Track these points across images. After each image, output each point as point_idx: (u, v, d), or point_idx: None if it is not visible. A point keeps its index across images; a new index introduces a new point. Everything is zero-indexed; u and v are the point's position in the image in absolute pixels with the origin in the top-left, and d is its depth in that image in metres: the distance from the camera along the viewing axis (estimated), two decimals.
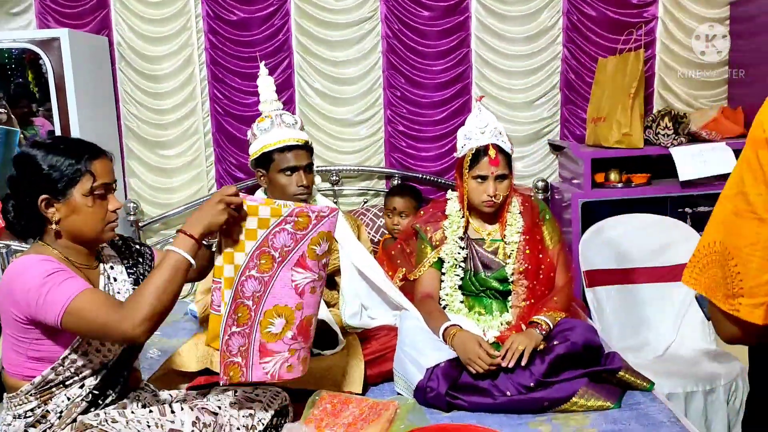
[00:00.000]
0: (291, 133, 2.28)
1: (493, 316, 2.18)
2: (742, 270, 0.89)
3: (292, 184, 2.24)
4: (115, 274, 1.63)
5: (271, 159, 2.25)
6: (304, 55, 3.32)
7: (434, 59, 3.31)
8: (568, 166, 3.25)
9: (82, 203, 1.48)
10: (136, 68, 3.33)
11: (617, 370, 1.92)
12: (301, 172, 2.25)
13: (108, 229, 1.53)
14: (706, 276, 0.96)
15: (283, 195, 2.26)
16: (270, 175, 2.27)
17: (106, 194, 1.52)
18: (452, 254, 2.22)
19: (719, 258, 0.92)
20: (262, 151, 2.27)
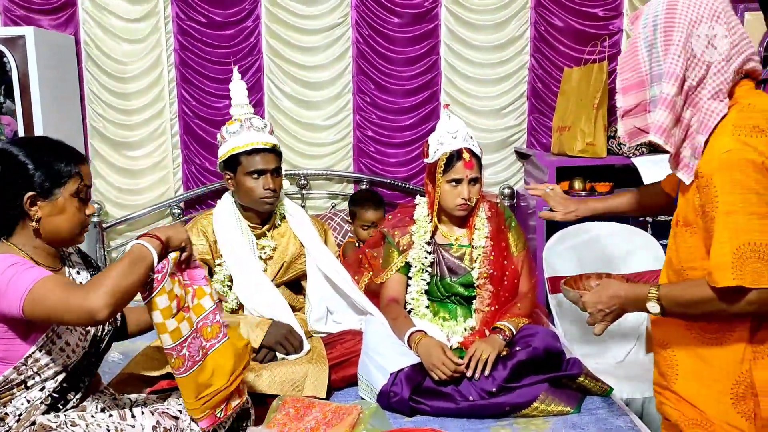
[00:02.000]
0: (259, 136, 2.27)
1: (457, 322, 2.19)
2: None
3: (259, 187, 2.23)
4: (81, 277, 1.62)
5: (238, 162, 2.24)
6: (274, 59, 3.30)
7: (404, 66, 3.32)
8: (533, 173, 3.29)
9: (68, 204, 1.49)
10: (103, 68, 3.27)
11: (577, 376, 1.94)
12: (269, 175, 2.24)
13: (83, 232, 1.55)
14: (748, 270, 1.22)
15: (249, 198, 2.25)
16: (237, 178, 2.26)
17: (85, 198, 1.54)
18: (419, 259, 2.23)
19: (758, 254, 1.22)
20: (230, 153, 2.25)
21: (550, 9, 3.32)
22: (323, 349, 2.14)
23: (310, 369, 2.00)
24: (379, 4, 3.27)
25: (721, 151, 1.26)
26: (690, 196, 1.36)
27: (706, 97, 1.31)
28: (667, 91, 1.30)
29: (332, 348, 2.15)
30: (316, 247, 2.35)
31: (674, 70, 1.30)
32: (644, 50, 1.34)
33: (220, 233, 2.30)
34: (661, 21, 1.31)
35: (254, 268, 2.27)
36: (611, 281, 1.55)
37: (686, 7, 1.30)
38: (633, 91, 1.36)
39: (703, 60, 1.31)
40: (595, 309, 1.47)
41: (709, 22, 1.30)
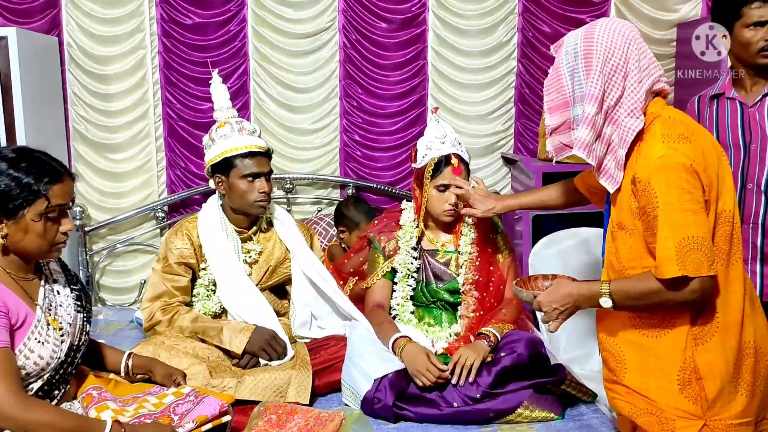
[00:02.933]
0: (253, 139, 2.29)
1: (442, 328, 2.18)
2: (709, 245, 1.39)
3: (254, 190, 2.23)
4: (58, 287, 1.62)
5: (232, 165, 2.23)
6: (260, 62, 3.29)
7: (391, 70, 3.32)
8: (520, 179, 3.30)
9: (32, 225, 1.46)
10: (86, 69, 3.24)
11: (561, 382, 1.95)
12: (263, 178, 2.25)
13: (54, 249, 1.53)
14: (689, 261, 1.37)
15: (242, 201, 2.24)
16: (230, 181, 2.25)
17: (60, 217, 1.51)
18: (405, 264, 2.22)
19: (696, 246, 1.37)
20: (222, 156, 2.24)
21: (538, 15, 3.33)
22: (307, 354, 2.12)
23: (293, 375, 1.99)
24: (366, 9, 3.26)
25: (655, 157, 1.41)
26: (624, 202, 1.50)
27: (623, 116, 1.47)
28: (588, 111, 1.46)
29: (316, 353, 2.14)
30: (302, 252, 2.34)
31: (594, 92, 1.46)
32: (567, 75, 1.50)
33: (204, 236, 2.28)
34: (581, 49, 1.48)
35: (239, 273, 2.26)
36: (563, 281, 1.67)
37: (602, 37, 1.47)
38: (559, 111, 1.52)
39: (618, 82, 1.47)
40: (550, 308, 1.57)
41: (622, 49, 1.46)
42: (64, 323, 1.59)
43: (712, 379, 1.44)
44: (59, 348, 1.54)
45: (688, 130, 1.46)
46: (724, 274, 1.46)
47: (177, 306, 2.23)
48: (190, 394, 1.65)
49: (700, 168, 1.41)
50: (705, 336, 1.46)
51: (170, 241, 2.29)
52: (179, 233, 2.30)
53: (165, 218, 3.33)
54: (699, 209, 1.40)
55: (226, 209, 2.34)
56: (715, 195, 1.44)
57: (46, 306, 1.55)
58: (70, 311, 1.62)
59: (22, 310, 1.48)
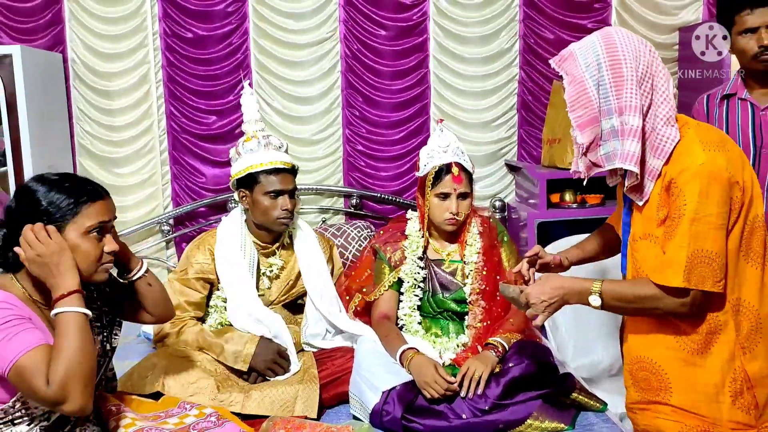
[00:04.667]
0: (278, 155, 2.26)
1: (449, 338, 2.17)
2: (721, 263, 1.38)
3: (276, 207, 2.21)
4: None
5: (256, 180, 2.22)
6: (262, 74, 3.30)
7: (393, 79, 3.32)
8: (524, 186, 3.29)
9: (76, 243, 1.45)
10: (91, 85, 3.25)
11: (571, 391, 1.93)
12: (286, 196, 2.23)
13: (101, 270, 1.50)
14: (695, 274, 1.37)
15: (265, 218, 2.23)
16: (254, 196, 2.23)
17: (103, 235, 1.50)
18: (411, 274, 2.21)
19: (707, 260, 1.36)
20: (247, 171, 2.23)
21: (539, 21, 3.33)
22: (314, 366, 2.12)
23: (300, 389, 1.98)
24: (367, 18, 3.27)
25: (696, 164, 1.38)
26: (652, 210, 1.46)
27: (660, 125, 1.43)
28: (635, 123, 1.41)
29: (323, 365, 2.13)
30: (316, 269, 2.32)
31: (635, 102, 1.41)
32: (593, 88, 1.44)
33: (220, 251, 2.26)
34: (605, 59, 1.42)
35: (248, 291, 2.23)
36: (553, 275, 1.65)
37: (625, 45, 1.43)
38: (589, 127, 1.46)
39: (647, 90, 1.43)
40: (538, 300, 1.55)
41: (646, 56, 1.44)
42: None
43: (763, 385, 1.43)
44: None
45: (720, 138, 1.45)
46: (760, 278, 1.45)
47: (186, 320, 2.22)
48: (212, 415, 1.64)
49: (736, 179, 1.39)
50: (752, 344, 1.44)
51: (192, 255, 2.27)
52: (201, 247, 2.28)
53: (170, 231, 3.33)
54: (721, 226, 1.38)
55: (249, 223, 2.32)
56: (748, 202, 1.43)
57: None
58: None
59: (45, 334, 1.44)
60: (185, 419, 1.64)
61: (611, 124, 1.43)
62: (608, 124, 1.43)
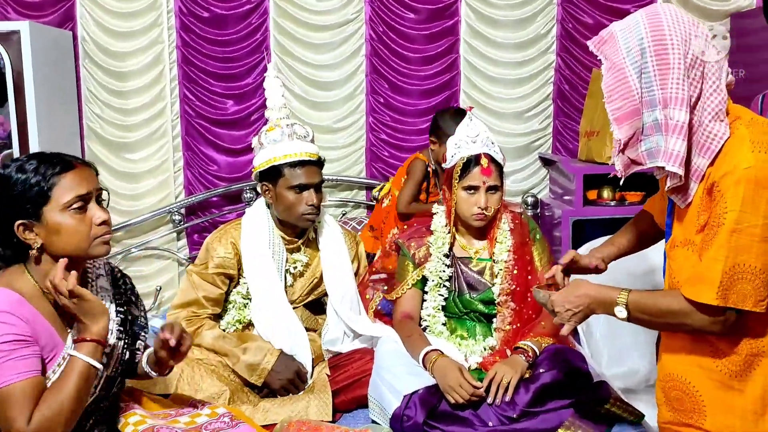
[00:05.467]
0: (304, 146, 2.22)
1: (476, 340, 2.17)
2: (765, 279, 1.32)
3: (301, 203, 2.19)
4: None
5: (280, 173, 2.19)
6: (282, 57, 3.32)
7: (421, 65, 3.33)
8: (559, 181, 3.28)
9: (59, 222, 1.44)
10: (101, 65, 3.31)
11: (605, 401, 1.92)
12: (312, 190, 2.20)
13: (97, 243, 1.48)
14: (734, 291, 1.32)
15: (289, 213, 2.21)
16: (277, 190, 2.21)
17: (86, 206, 1.46)
18: (437, 272, 2.22)
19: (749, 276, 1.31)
20: (270, 164, 2.20)
21: (579, 5, 3.31)
22: (326, 378, 2.14)
23: (311, 398, 2.02)
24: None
25: (741, 167, 1.31)
26: (690, 215, 1.42)
27: (707, 119, 1.35)
28: (680, 118, 1.34)
29: (342, 369, 2.15)
30: (336, 269, 2.32)
31: (681, 94, 1.33)
32: (635, 76, 1.36)
33: (246, 244, 2.24)
34: (650, 43, 1.35)
35: (276, 291, 2.24)
36: (582, 281, 1.61)
37: (674, 27, 1.34)
38: (628, 121, 1.39)
39: (696, 80, 1.36)
40: (563, 308, 1.54)
41: (697, 40, 1.35)
42: None
43: None
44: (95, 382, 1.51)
45: None
46: None
47: (203, 318, 2.22)
48: (224, 415, 1.67)
49: None
50: None
51: (212, 248, 2.26)
52: (223, 240, 2.26)
53: (182, 221, 3.38)
54: (767, 239, 1.32)
55: (273, 217, 2.30)
56: None
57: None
58: (110, 338, 1.56)
59: (52, 341, 1.47)
60: (197, 419, 1.67)
61: (654, 117, 1.36)
62: (651, 117, 1.36)
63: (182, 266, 3.42)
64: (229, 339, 2.19)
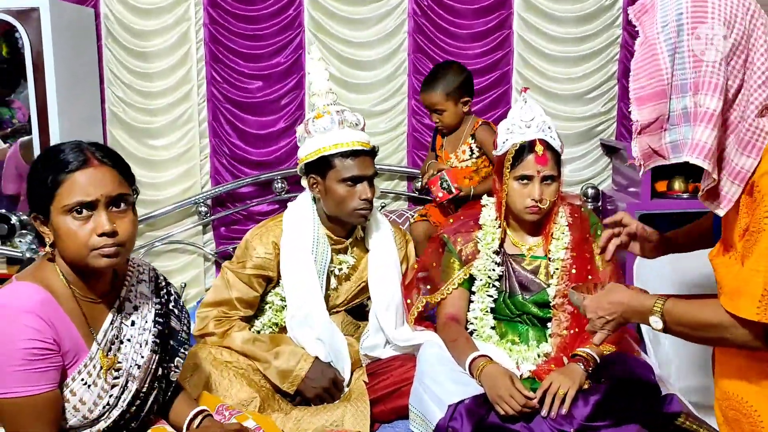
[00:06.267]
0: (356, 134, 2.21)
1: (529, 347, 2.16)
2: None
3: (354, 197, 2.17)
4: (136, 316, 1.61)
5: (330, 165, 2.18)
6: (317, 34, 3.34)
7: (469, 42, 3.32)
8: (623, 171, 3.23)
9: (60, 224, 1.44)
10: (125, 45, 3.37)
11: (676, 416, 1.89)
12: (366, 183, 2.19)
13: (95, 255, 1.44)
14: None
15: (340, 209, 2.20)
16: (327, 183, 2.19)
17: (90, 213, 1.44)
18: (485, 271, 2.20)
19: None
20: (319, 154, 2.18)
21: None
22: (363, 375, 2.15)
23: (348, 408, 2.02)
24: None
25: None
26: (733, 219, 1.40)
27: (752, 114, 1.32)
28: (711, 105, 1.31)
29: (381, 376, 2.15)
30: (383, 274, 2.30)
31: (716, 80, 1.30)
32: (666, 55, 1.33)
33: (286, 245, 2.24)
34: (689, 20, 1.31)
35: (314, 295, 2.24)
36: (617, 286, 1.63)
37: (718, 5, 1.31)
38: (651, 102, 1.36)
39: (738, 68, 1.32)
40: (595, 315, 1.55)
41: (744, 22, 1.31)
42: (127, 363, 1.57)
43: None
44: (108, 393, 1.53)
45: None
46: None
47: (234, 320, 2.24)
48: (255, 430, 1.68)
49: None
50: None
51: (252, 246, 2.25)
52: (264, 238, 2.26)
53: (208, 213, 3.43)
54: None
55: (320, 213, 2.29)
56: None
57: (106, 341, 1.54)
58: (142, 350, 1.58)
59: (76, 346, 1.49)
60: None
61: (684, 104, 1.33)
62: (680, 104, 1.33)
63: (208, 261, 3.48)
64: (261, 342, 2.20)
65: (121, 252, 1.48)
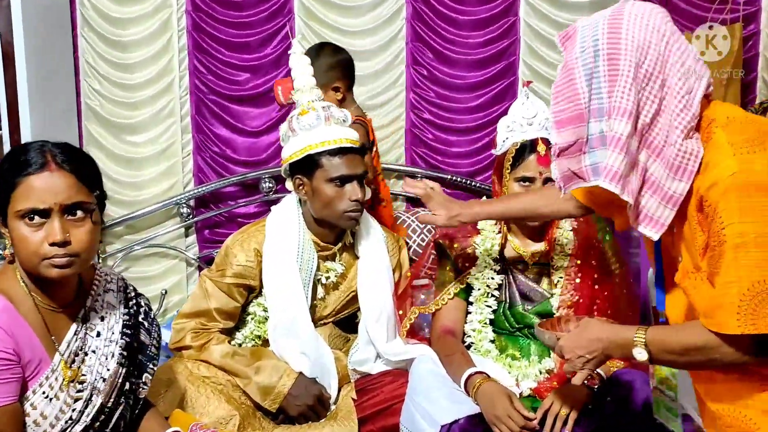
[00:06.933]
0: (344, 131, 2.23)
1: (530, 362, 2.17)
2: None
3: (343, 198, 2.19)
4: (102, 327, 1.62)
5: (317, 164, 2.19)
6: (307, 21, 3.35)
7: (472, 30, 3.32)
8: None
9: (13, 229, 1.46)
10: (102, 34, 3.38)
11: None
12: (355, 182, 2.20)
13: (46, 265, 1.45)
14: (762, 314, 1.32)
15: (329, 211, 2.21)
16: (314, 184, 2.20)
17: (43, 220, 1.44)
18: (484, 280, 2.22)
19: None
20: (305, 153, 2.19)
21: None
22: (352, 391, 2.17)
23: (334, 427, 2.04)
24: None
25: (726, 174, 1.35)
26: (688, 238, 1.46)
27: (677, 137, 1.41)
28: (620, 130, 1.40)
29: (370, 393, 2.17)
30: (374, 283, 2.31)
31: (625, 105, 1.39)
32: (583, 79, 1.43)
33: (269, 252, 2.24)
34: (604, 46, 1.41)
35: (299, 306, 2.24)
36: (592, 321, 1.68)
37: (631, 32, 1.40)
38: (570, 126, 1.46)
39: (653, 93, 1.41)
40: (574, 355, 1.58)
41: (657, 48, 1.40)
42: (92, 375, 1.58)
43: None
44: (71, 407, 1.54)
45: (759, 132, 1.40)
46: None
47: (213, 332, 2.25)
48: None
49: None
50: None
51: (232, 253, 2.26)
52: (245, 245, 2.26)
53: (191, 215, 3.43)
54: None
55: (306, 217, 2.29)
56: None
57: (70, 352, 1.55)
58: (108, 362, 1.59)
59: (37, 357, 1.49)
60: None
61: (601, 128, 1.42)
62: (597, 128, 1.43)
63: (191, 267, 3.48)
64: (241, 356, 2.21)
65: (75, 263, 1.48)
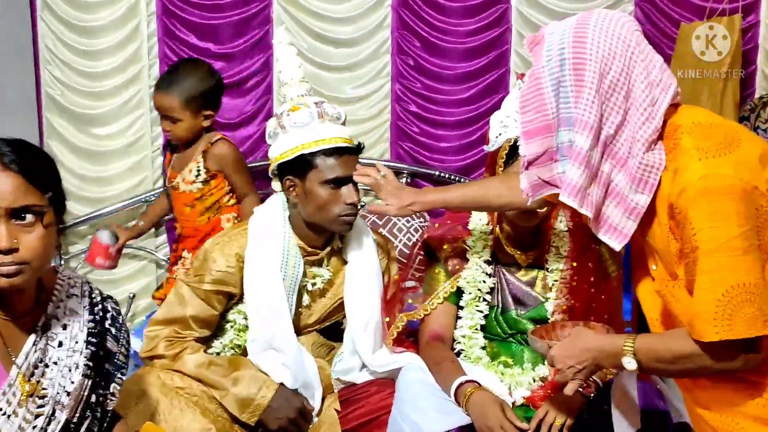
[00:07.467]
0: (338, 130, 2.22)
1: (523, 369, 2.18)
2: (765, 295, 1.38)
3: (338, 201, 2.17)
4: (65, 336, 1.59)
5: (311, 165, 2.17)
6: (286, 7, 3.34)
7: (461, 17, 3.33)
8: None
9: None
10: (63, 18, 3.36)
11: None
12: (351, 185, 2.20)
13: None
14: (738, 319, 1.36)
15: (322, 215, 2.19)
16: (307, 186, 2.18)
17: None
18: (475, 283, 2.22)
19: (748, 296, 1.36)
20: (298, 152, 2.17)
21: None
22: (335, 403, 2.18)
23: None
24: None
25: (694, 180, 1.40)
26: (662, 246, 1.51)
27: (640, 150, 1.46)
28: (581, 143, 1.46)
29: (355, 404, 2.17)
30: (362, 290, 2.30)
31: (588, 118, 1.45)
32: (550, 88, 1.48)
33: (251, 258, 2.23)
34: (570, 55, 1.46)
35: (281, 315, 2.24)
36: (584, 330, 1.72)
37: (596, 41, 1.45)
38: (539, 137, 1.51)
39: (617, 104, 1.47)
40: (565, 365, 1.62)
41: (622, 59, 1.46)
42: (54, 389, 1.55)
43: None
44: (31, 424, 1.51)
45: (726, 136, 1.45)
46: None
47: (188, 341, 2.23)
48: None
49: (754, 185, 1.38)
50: None
51: (211, 258, 2.24)
52: (227, 250, 2.24)
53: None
54: (751, 248, 1.38)
55: (294, 220, 2.28)
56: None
57: (28, 365, 1.53)
58: (72, 374, 1.57)
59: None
60: None
61: (570, 137, 1.47)
62: (566, 137, 1.48)
63: (161, 268, 3.47)
64: (217, 366, 2.20)
65: (25, 271, 1.43)
